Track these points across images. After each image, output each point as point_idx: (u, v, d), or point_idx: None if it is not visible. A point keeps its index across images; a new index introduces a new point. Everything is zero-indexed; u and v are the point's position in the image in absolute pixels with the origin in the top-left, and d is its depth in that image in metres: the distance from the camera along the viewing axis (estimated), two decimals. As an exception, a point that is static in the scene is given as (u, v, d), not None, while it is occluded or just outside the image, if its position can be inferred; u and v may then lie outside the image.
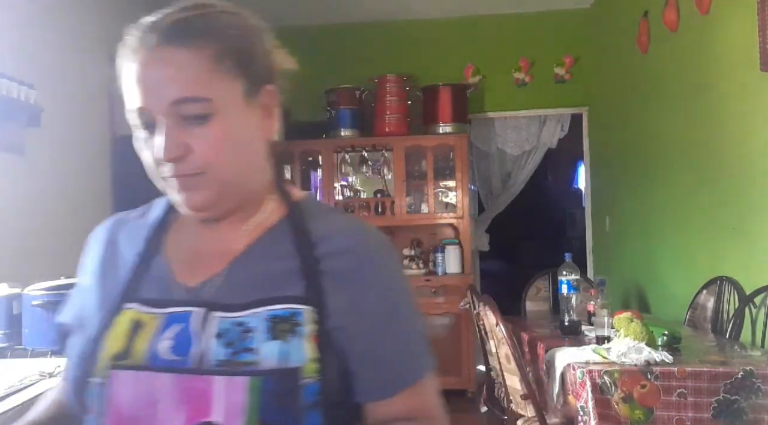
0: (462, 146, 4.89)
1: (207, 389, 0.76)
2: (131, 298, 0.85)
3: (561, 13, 5.16)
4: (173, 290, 0.85)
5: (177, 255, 0.89)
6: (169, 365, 0.78)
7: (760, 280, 2.84)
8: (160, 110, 0.80)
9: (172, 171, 0.82)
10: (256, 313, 0.80)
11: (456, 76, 5.15)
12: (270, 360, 0.77)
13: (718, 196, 3.28)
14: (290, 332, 0.79)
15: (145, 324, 0.81)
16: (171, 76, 0.80)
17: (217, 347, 0.78)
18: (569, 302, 2.97)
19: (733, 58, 3.08)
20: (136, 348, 0.80)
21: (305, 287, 0.82)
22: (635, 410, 2.20)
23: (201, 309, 0.81)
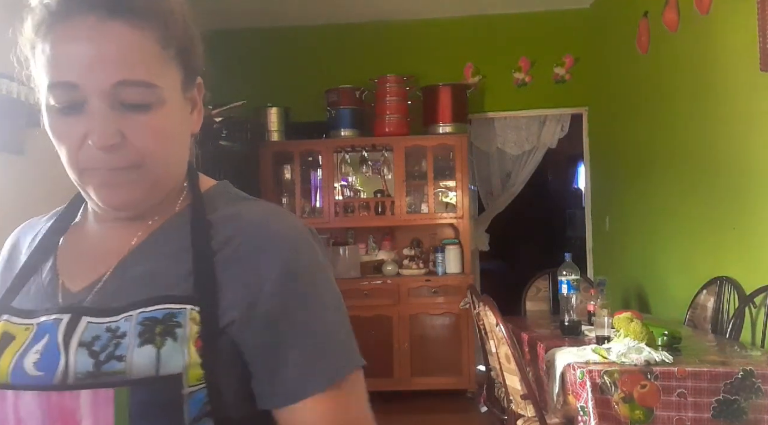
0: (462, 146, 4.89)
1: (74, 406, 0.68)
2: (6, 309, 0.76)
3: (561, 13, 5.16)
4: (55, 297, 0.76)
5: (67, 259, 0.80)
6: (33, 382, 0.69)
7: (760, 280, 2.84)
8: (97, 90, 0.70)
9: (101, 162, 0.72)
10: (130, 317, 0.71)
11: (456, 76, 5.15)
12: (142, 369, 0.68)
13: (718, 196, 3.28)
14: (166, 335, 0.69)
15: (15, 337, 0.72)
16: (115, 54, 0.70)
17: (80, 357, 0.69)
18: (569, 302, 2.97)
19: (733, 58, 3.08)
20: (1, 365, 0.71)
21: (193, 284, 0.73)
22: (635, 410, 2.20)
23: (67, 315, 0.72)
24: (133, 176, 0.73)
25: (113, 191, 0.74)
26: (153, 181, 0.75)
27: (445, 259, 4.87)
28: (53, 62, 0.71)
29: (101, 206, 0.77)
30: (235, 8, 4.78)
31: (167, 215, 0.80)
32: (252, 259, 0.74)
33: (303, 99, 5.07)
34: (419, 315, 4.72)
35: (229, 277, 0.73)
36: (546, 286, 4.21)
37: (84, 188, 0.76)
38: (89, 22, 0.70)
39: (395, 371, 4.59)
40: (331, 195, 4.97)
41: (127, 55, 0.71)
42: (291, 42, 5.22)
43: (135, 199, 0.75)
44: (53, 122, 0.74)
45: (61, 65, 0.71)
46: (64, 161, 0.76)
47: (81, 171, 0.74)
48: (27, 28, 0.75)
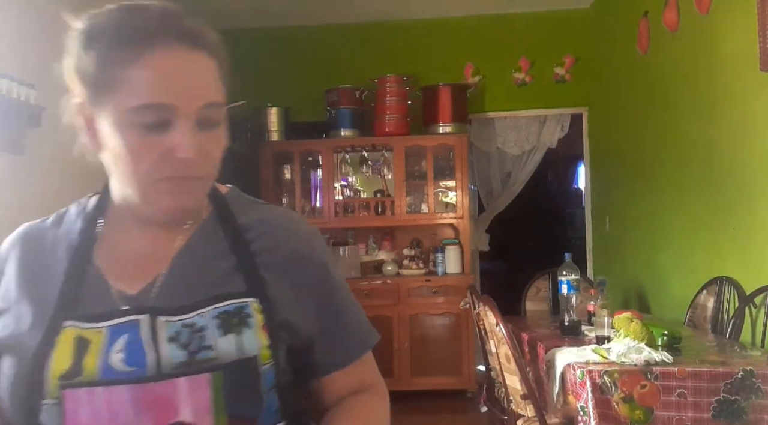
0: (462, 146, 4.89)
1: (171, 393, 0.77)
2: (68, 315, 0.81)
3: (561, 13, 5.16)
4: (112, 301, 0.83)
5: (111, 263, 0.86)
6: (126, 376, 0.77)
7: (760, 280, 2.84)
8: (188, 110, 0.79)
9: (182, 172, 0.80)
10: (203, 313, 0.81)
11: (456, 76, 5.15)
12: (228, 354, 0.79)
13: (718, 196, 3.28)
14: (241, 324, 0.82)
15: (90, 341, 0.79)
16: (203, 81, 0.82)
17: (172, 350, 0.78)
18: (569, 302, 2.97)
19: (733, 58, 3.08)
20: (87, 365, 0.78)
21: (245, 282, 0.85)
22: (635, 410, 2.20)
23: (145, 316, 0.80)
24: (199, 185, 0.84)
25: (178, 198, 0.82)
26: (207, 190, 0.87)
27: (445, 259, 4.87)
28: (146, 85, 0.78)
29: (162, 213, 0.84)
30: (235, 8, 4.78)
31: (197, 220, 0.90)
32: (292, 261, 0.89)
33: (303, 99, 5.07)
34: (419, 315, 4.72)
35: (274, 277, 0.87)
36: (546, 286, 4.21)
37: (149, 197, 0.82)
38: (179, 53, 0.80)
39: (395, 371, 4.60)
40: (331, 195, 4.97)
41: (210, 81, 0.83)
42: (291, 42, 5.22)
43: (192, 206, 0.86)
44: (134, 139, 0.80)
45: (157, 88, 0.78)
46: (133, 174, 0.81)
47: (155, 181, 0.81)
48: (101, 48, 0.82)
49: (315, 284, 0.90)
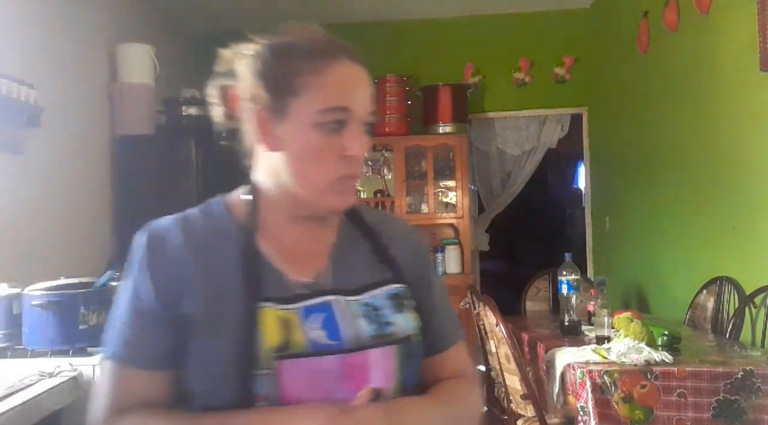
0: (462, 146, 4.89)
1: (365, 362, 0.91)
2: (259, 298, 0.90)
3: (561, 13, 5.16)
4: (290, 287, 0.95)
5: (278, 255, 0.97)
6: (329, 348, 0.90)
7: (760, 280, 2.84)
8: (360, 114, 0.95)
9: (352, 170, 0.95)
10: (375, 294, 0.97)
11: (456, 76, 5.15)
12: (403, 330, 0.96)
13: (718, 196, 3.28)
14: (406, 305, 0.98)
15: (290, 319, 0.90)
16: (368, 91, 0.97)
17: (365, 325, 0.93)
18: (569, 302, 2.97)
19: (733, 58, 3.08)
20: (295, 339, 0.89)
21: (389, 270, 1.01)
22: (635, 410, 2.20)
23: (335, 297, 0.94)
24: (354, 184, 0.98)
25: (345, 196, 0.97)
26: None
27: (445, 259, 4.87)
28: (332, 91, 0.93)
29: (334, 209, 0.98)
30: (235, 9, 4.78)
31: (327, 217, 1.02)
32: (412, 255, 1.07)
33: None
34: (419, 315, 4.71)
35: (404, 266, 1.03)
36: (546, 286, 4.21)
37: (325, 193, 0.95)
38: (353, 67, 0.96)
39: (395, 371, 4.59)
40: (331, 195, 4.96)
41: (371, 93, 0.98)
42: None
43: (351, 204, 0.99)
44: (318, 138, 0.93)
45: (340, 94, 0.93)
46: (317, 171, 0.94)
47: (335, 179, 0.94)
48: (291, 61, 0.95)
49: (428, 274, 1.08)
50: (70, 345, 2.05)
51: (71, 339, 2.06)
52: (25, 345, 2.09)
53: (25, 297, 2.10)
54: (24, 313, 2.09)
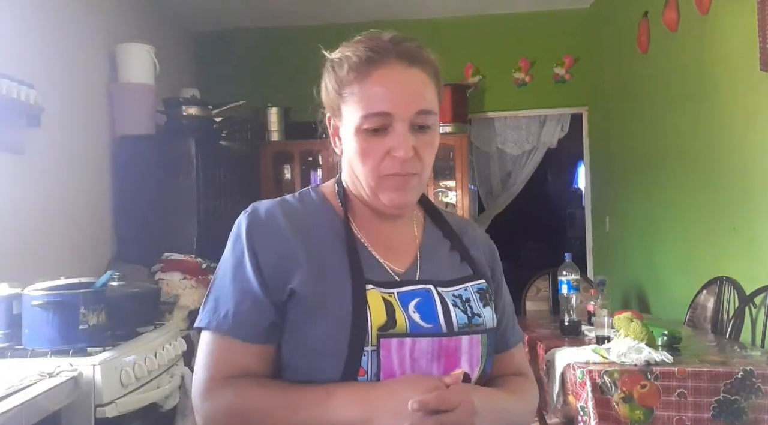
0: (462, 146, 4.89)
1: (456, 347, 0.99)
2: (365, 281, 0.97)
3: (561, 13, 5.16)
4: (388, 274, 1.02)
5: (374, 245, 1.04)
6: (426, 331, 0.97)
7: (760, 280, 2.84)
8: (404, 117, 0.97)
9: (399, 169, 0.98)
10: (465, 287, 1.05)
11: (456, 76, 5.15)
12: (488, 321, 1.04)
13: (718, 196, 3.28)
14: (490, 300, 1.07)
15: (392, 301, 0.97)
16: (417, 91, 0.99)
17: (458, 313, 1.00)
18: (569, 302, 2.97)
19: (733, 58, 3.08)
20: (397, 320, 0.96)
21: (471, 269, 1.09)
22: (635, 410, 2.20)
23: (432, 286, 1.02)
24: (414, 182, 1.01)
25: (401, 194, 1.01)
26: (422, 188, 1.05)
27: (445, 259, 4.86)
28: (371, 97, 0.98)
29: (388, 207, 1.02)
30: (235, 8, 4.78)
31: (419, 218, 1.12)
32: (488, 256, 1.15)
33: (303, 99, 5.02)
34: (419, 315, 4.71)
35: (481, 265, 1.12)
36: (546, 286, 4.21)
37: (377, 192, 1.01)
38: (398, 68, 0.99)
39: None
40: (331, 195, 4.96)
41: (423, 91, 1.00)
42: (291, 42, 5.21)
43: (411, 202, 1.04)
44: (363, 142, 0.99)
45: (378, 100, 0.97)
46: (363, 172, 1.00)
47: (380, 178, 0.99)
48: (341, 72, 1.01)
49: (499, 277, 1.17)
50: (70, 345, 2.06)
51: (71, 339, 2.06)
52: (25, 345, 2.10)
53: (25, 297, 2.10)
54: (24, 313, 2.09)
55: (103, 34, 3.73)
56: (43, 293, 2.08)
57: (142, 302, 2.62)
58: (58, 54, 3.25)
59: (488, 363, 1.04)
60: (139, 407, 2.16)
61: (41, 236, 2.99)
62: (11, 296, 2.20)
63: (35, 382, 1.77)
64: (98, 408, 1.97)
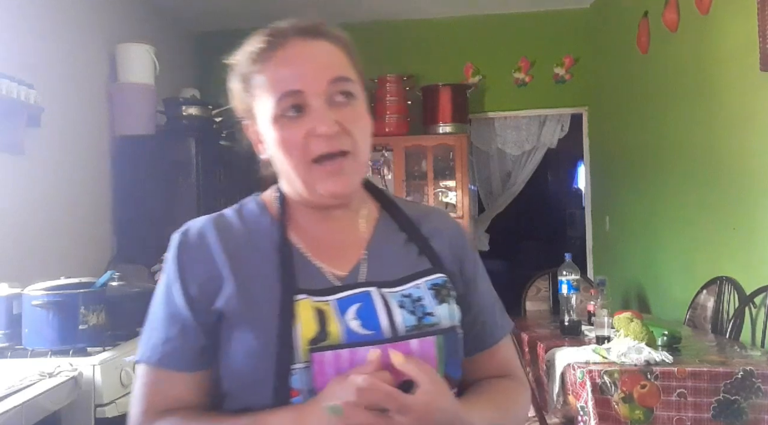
0: (462, 146, 4.89)
1: (404, 352, 0.86)
2: (296, 290, 0.89)
3: (561, 13, 5.16)
4: (326, 280, 0.93)
5: (311, 249, 0.96)
6: (366, 339, 0.87)
7: (760, 280, 2.84)
8: (317, 91, 0.90)
9: (325, 148, 0.90)
10: (417, 285, 0.95)
11: (456, 76, 5.15)
12: (445, 321, 0.93)
13: (718, 196, 3.28)
14: (449, 296, 0.96)
15: (325, 310, 0.89)
16: (325, 61, 0.93)
17: (405, 316, 0.91)
18: (569, 302, 2.97)
19: (733, 58, 3.08)
20: (330, 330, 0.87)
21: (430, 262, 0.99)
22: (635, 410, 2.20)
23: (374, 288, 0.92)
24: (350, 164, 0.92)
25: (338, 179, 0.91)
26: (360, 170, 0.95)
27: (445, 259, 4.86)
28: (278, 80, 0.91)
29: (323, 198, 0.93)
30: (236, 8, 4.78)
31: (370, 211, 1.03)
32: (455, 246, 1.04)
33: (303, 99, 5.05)
34: (419, 315, 4.71)
35: (446, 258, 1.01)
36: (546, 286, 4.21)
37: (311, 184, 0.92)
38: (299, 43, 0.93)
39: (395, 371, 4.59)
40: (331, 195, 4.96)
41: (333, 60, 0.94)
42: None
43: (351, 187, 0.94)
44: (281, 130, 0.92)
45: (285, 80, 0.91)
46: (291, 164, 0.92)
47: (310, 166, 0.91)
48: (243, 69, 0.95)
49: (472, 266, 1.05)
50: (70, 345, 2.06)
51: (71, 339, 2.06)
52: (25, 345, 2.10)
53: (25, 297, 2.10)
54: (24, 313, 2.09)
55: (103, 34, 3.73)
56: (43, 293, 2.08)
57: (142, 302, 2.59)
58: (58, 54, 3.26)
59: (452, 367, 0.92)
60: (139, 407, 2.16)
61: (41, 236, 2.99)
62: (11, 296, 2.20)
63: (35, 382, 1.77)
64: (98, 408, 1.97)
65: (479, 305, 1.04)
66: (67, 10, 3.36)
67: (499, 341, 1.05)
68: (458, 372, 0.94)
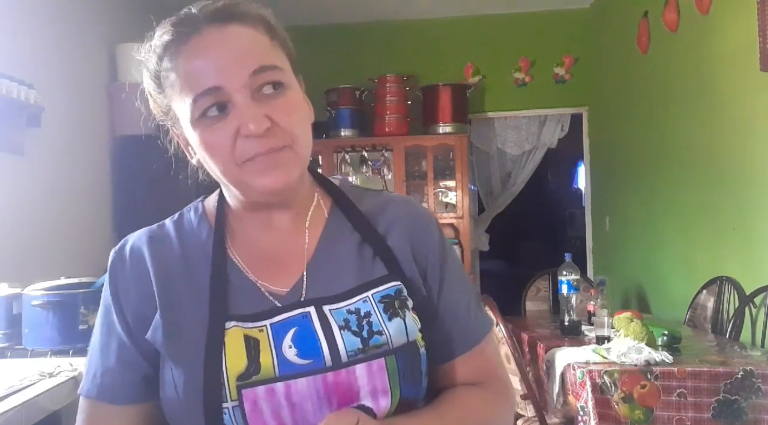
0: (462, 146, 4.89)
1: (350, 380, 0.77)
2: (227, 317, 0.80)
3: (560, 13, 5.16)
4: (265, 301, 0.82)
5: (250, 264, 0.85)
6: (304, 369, 0.77)
7: (760, 280, 2.84)
8: (238, 85, 0.78)
9: (260, 147, 0.78)
10: (365, 298, 0.82)
11: (456, 76, 5.15)
12: (397, 338, 0.80)
13: (718, 196, 3.28)
14: (402, 307, 0.83)
15: (258, 339, 0.78)
16: (244, 49, 0.79)
17: (347, 338, 0.79)
18: (569, 302, 2.97)
19: (733, 58, 3.08)
20: (263, 362, 0.77)
21: (386, 267, 0.86)
22: (635, 410, 2.20)
23: (312, 308, 0.81)
24: (287, 156, 0.80)
25: (273, 174, 0.79)
26: (301, 162, 0.83)
27: (445, 259, 4.85)
28: (192, 77, 0.78)
29: (261, 195, 0.81)
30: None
31: (318, 212, 0.89)
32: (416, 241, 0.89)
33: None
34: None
35: (404, 257, 0.87)
36: (546, 286, 4.21)
37: (245, 180, 0.80)
38: (211, 32, 0.79)
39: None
40: (331, 195, 4.96)
41: (252, 48, 0.79)
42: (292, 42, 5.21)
43: (290, 180, 0.81)
44: (203, 134, 0.80)
45: (200, 76, 0.78)
46: (220, 169, 0.81)
47: (241, 166, 0.79)
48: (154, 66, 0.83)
49: (438, 264, 0.90)
50: (70, 345, 2.06)
51: (71, 339, 2.06)
52: (25, 345, 2.10)
53: (25, 297, 2.10)
54: (24, 313, 2.09)
55: (103, 34, 3.73)
56: (43, 293, 2.08)
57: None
58: (58, 54, 3.26)
59: (410, 388, 0.81)
60: (139, 407, 2.16)
61: (41, 236, 2.99)
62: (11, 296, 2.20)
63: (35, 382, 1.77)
64: (98, 408, 1.97)
65: (448, 311, 0.89)
66: (67, 10, 3.36)
67: (473, 347, 0.90)
68: (419, 391, 0.83)
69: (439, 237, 0.92)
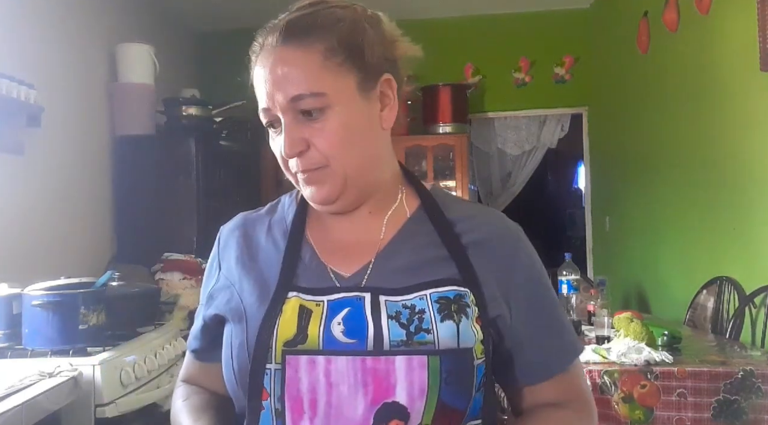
0: (462, 146, 4.89)
1: (388, 369, 0.78)
2: (291, 287, 0.86)
3: (561, 13, 5.16)
4: (329, 279, 0.87)
5: (324, 247, 0.91)
6: (346, 348, 0.79)
7: (760, 280, 2.84)
8: (280, 108, 0.84)
9: (297, 166, 0.86)
10: (423, 296, 0.83)
11: (456, 76, 5.15)
12: (446, 341, 0.80)
13: (718, 196, 3.28)
14: (460, 312, 0.83)
15: (312, 311, 0.83)
16: (286, 75, 0.83)
17: (393, 328, 0.80)
18: (569, 302, 2.97)
19: (733, 58, 3.08)
20: (310, 333, 0.81)
21: (458, 273, 0.86)
22: (635, 410, 2.20)
23: (368, 294, 0.84)
24: (323, 174, 0.85)
25: (312, 189, 0.87)
26: (342, 178, 0.86)
27: (445, 259, 4.86)
28: (257, 92, 0.88)
29: (310, 202, 0.90)
30: (236, 8, 4.78)
31: (401, 211, 0.93)
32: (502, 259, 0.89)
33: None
34: (419, 315, 4.71)
35: (485, 272, 0.87)
36: (546, 286, 4.21)
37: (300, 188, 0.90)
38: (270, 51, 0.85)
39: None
40: (331, 195, 4.96)
41: (295, 74, 0.83)
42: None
43: (331, 195, 0.87)
44: (271, 141, 0.90)
45: (260, 94, 0.87)
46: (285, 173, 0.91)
47: (294, 176, 0.89)
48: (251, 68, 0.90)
49: (525, 285, 0.90)
50: (70, 345, 2.06)
51: (71, 339, 2.06)
52: (25, 345, 2.10)
53: (25, 297, 2.10)
54: (24, 313, 2.09)
55: (103, 34, 3.73)
56: (43, 293, 2.08)
57: (142, 302, 2.62)
58: (58, 54, 3.25)
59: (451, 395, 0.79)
60: (139, 407, 2.16)
61: (41, 236, 2.99)
62: (11, 296, 2.20)
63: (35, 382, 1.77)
64: (98, 408, 1.97)
65: (528, 337, 0.89)
66: (67, 10, 3.36)
67: (564, 370, 0.91)
68: (466, 402, 0.81)
69: (527, 259, 0.92)
